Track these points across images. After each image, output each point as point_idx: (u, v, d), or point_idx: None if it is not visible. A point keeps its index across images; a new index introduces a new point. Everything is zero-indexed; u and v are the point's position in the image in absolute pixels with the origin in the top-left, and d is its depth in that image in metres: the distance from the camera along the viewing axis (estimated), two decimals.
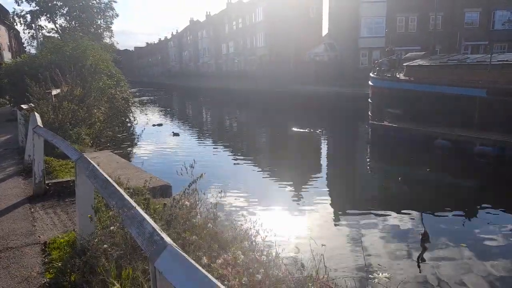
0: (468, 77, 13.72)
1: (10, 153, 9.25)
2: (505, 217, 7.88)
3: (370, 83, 18.85)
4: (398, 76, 16.97)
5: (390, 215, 7.74)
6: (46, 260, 3.71)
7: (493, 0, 36.81)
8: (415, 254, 6.02)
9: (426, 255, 5.98)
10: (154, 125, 21.31)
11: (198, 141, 17.95)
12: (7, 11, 46.67)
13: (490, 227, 7.22)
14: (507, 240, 6.62)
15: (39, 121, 6.24)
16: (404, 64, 17.31)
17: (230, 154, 14.98)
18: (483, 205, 8.56)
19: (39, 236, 4.32)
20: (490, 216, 7.92)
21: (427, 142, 13.31)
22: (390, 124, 15.23)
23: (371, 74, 19.27)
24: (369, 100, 18.81)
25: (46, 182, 5.97)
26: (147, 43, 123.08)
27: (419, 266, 5.63)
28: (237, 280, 2.13)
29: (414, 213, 7.90)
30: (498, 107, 12.44)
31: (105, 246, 2.93)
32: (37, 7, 43.48)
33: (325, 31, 48.02)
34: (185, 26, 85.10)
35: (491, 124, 12.45)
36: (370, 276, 5.08)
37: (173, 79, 78.84)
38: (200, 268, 1.51)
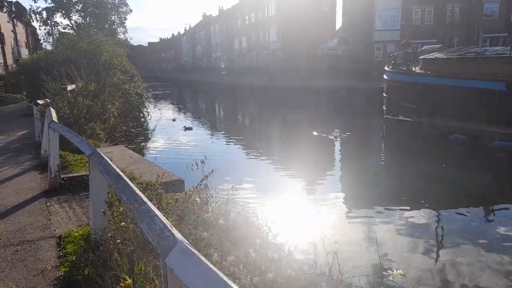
0: (487, 70, 13.33)
1: (27, 147, 9.43)
2: None
3: (385, 77, 18.53)
4: (414, 69, 16.63)
5: (404, 211, 7.61)
6: (61, 254, 3.77)
7: None
8: (431, 251, 5.90)
9: (441, 252, 5.86)
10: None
11: (210, 136, 17.99)
12: (24, 9, 47.61)
13: (509, 223, 7.02)
14: None
15: (55, 116, 6.33)
16: (420, 57, 16.93)
17: (243, 149, 14.97)
18: (501, 201, 8.34)
19: (54, 230, 4.39)
20: (509, 212, 7.71)
21: (443, 137, 13.03)
22: (405, 119, 14.96)
23: (386, 68, 18.93)
24: (384, 94, 18.51)
25: (62, 176, 6.06)
26: (160, 38, 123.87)
27: (434, 263, 5.52)
28: (248, 278, 2.10)
29: (430, 209, 7.75)
30: None
31: (117, 241, 2.94)
32: (52, 4, 44.19)
33: (338, 24, 47.46)
34: (198, 21, 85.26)
35: (511, 118, 12.10)
36: (384, 273, 5.01)
37: (186, 74, 79.15)
38: (211, 265, 1.49)
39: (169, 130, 18.59)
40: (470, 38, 35.83)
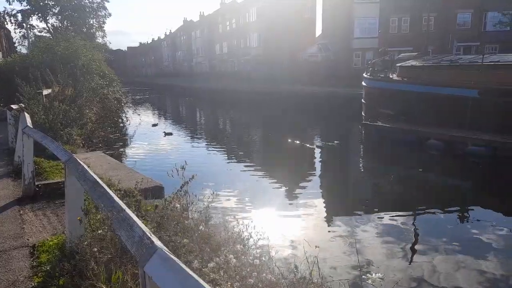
0: (460, 78, 13.82)
1: None
2: (496, 216, 7.93)
3: (363, 83, 18.91)
4: (391, 76, 17.04)
5: (383, 215, 7.74)
6: (35, 264, 3.64)
7: (485, 1, 37.12)
8: (409, 254, 6.02)
9: (419, 255, 5.99)
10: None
11: (191, 141, 17.85)
12: None
13: (482, 226, 7.25)
14: (499, 239, 6.65)
15: (29, 122, 6.14)
16: (397, 64, 17.40)
17: (223, 155, 14.91)
18: (475, 205, 8.61)
19: (27, 239, 4.24)
20: (482, 215, 7.96)
21: (420, 142, 13.37)
22: (383, 125, 15.28)
23: (364, 75, 19.34)
24: (362, 100, 18.87)
25: (36, 183, 5.87)
26: (140, 43, 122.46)
27: (412, 266, 5.63)
28: (229, 284, 2.08)
29: (407, 213, 7.92)
30: (489, 107, 12.54)
31: (94, 249, 2.87)
32: (28, 6, 42.95)
33: (319, 31, 48.16)
34: (179, 26, 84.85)
35: (483, 124, 12.54)
36: (364, 277, 5.08)
37: (167, 79, 78.38)
38: (191, 272, 1.47)
39: (149, 136, 18.33)
40: (444, 47, 37.04)
